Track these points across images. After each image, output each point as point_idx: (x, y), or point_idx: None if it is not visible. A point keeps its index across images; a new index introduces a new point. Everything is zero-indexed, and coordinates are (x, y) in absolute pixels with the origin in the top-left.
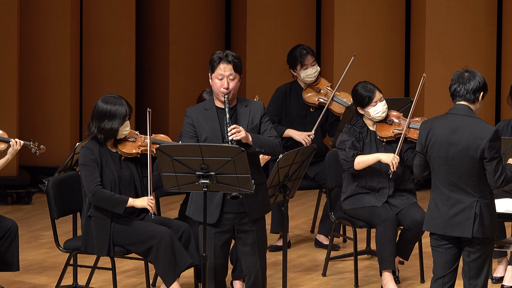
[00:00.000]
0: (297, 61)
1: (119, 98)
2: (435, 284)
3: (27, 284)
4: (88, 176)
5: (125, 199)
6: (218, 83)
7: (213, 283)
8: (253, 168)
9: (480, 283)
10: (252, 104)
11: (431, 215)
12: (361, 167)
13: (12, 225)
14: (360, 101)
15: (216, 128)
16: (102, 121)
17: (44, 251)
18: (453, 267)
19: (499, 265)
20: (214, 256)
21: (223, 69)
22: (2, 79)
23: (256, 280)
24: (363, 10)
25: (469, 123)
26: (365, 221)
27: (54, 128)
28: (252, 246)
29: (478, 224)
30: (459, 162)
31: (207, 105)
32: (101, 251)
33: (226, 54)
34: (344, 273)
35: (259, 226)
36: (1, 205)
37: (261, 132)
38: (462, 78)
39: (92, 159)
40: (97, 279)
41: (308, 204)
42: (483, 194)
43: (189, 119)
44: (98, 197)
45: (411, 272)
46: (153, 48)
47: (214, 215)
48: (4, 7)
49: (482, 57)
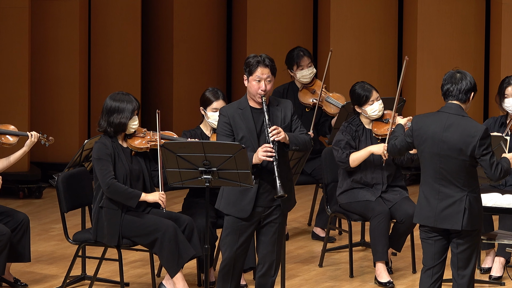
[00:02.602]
0: (294, 62)
1: (127, 94)
2: (425, 274)
3: (38, 275)
4: (103, 170)
5: (138, 194)
6: (255, 85)
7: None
8: (285, 166)
9: (468, 273)
10: (282, 102)
11: (422, 208)
12: (356, 163)
13: (24, 218)
14: (357, 100)
15: (251, 127)
16: (111, 115)
17: (54, 243)
18: (441, 258)
19: (487, 256)
20: (237, 248)
21: (261, 72)
22: (14, 79)
23: (269, 270)
24: (358, 14)
25: (461, 121)
26: (360, 214)
27: (63, 125)
28: (273, 237)
29: (467, 217)
30: (450, 158)
31: (242, 105)
32: (111, 240)
33: (264, 58)
34: (340, 264)
35: (283, 219)
36: (13, 199)
37: (293, 129)
38: (454, 79)
39: (107, 153)
40: (104, 270)
41: (305, 199)
42: (471, 188)
43: (226, 118)
44: (112, 190)
45: (403, 263)
46: (158, 49)
47: (247, 210)
48: (16, 11)
49: (471, 58)
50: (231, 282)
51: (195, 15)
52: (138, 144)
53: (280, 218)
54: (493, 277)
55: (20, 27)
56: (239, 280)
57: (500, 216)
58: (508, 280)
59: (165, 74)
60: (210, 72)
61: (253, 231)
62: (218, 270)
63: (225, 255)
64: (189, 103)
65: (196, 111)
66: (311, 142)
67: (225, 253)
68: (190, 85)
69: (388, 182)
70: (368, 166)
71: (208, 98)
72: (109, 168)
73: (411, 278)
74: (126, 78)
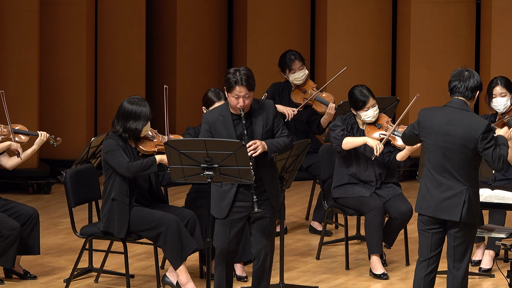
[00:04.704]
0: (286, 66)
1: (143, 100)
2: (421, 265)
3: (47, 267)
4: (118, 158)
5: (153, 159)
6: (234, 101)
7: (224, 265)
8: (269, 168)
9: (463, 265)
10: (264, 104)
11: (423, 198)
12: (348, 147)
13: (34, 212)
14: (354, 104)
15: (232, 134)
16: (127, 121)
17: (62, 237)
18: (437, 250)
19: (478, 249)
20: (228, 242)
21: (239, 91)
22: (24, 80)
23: (264, 263)
24: (353, 17)
25: (465, 116)
26: (355, 209)
27: (71, 124)
28: (265, 232)
29: (466, 210)
30: (453, 152)
31: (223, 112)
32: (120, 233)
33: (241, 77)
34: (336, 257)
35: (274, 215)
36: (23, 194)
37: (275, 131)
38: (462, 76)
39: (118, 145)
40: (110, 262)
41: (303, 194)
42: (472, 183)
43: (207, 126)
44: (132, 170)
45: (397, 256)
46: (162, 51)
47: (224, 212)
48: (26, 15)
49: (462, 60)
50: (227, 269)
51: (197, 18)
52: (146, 147)
53: (270, 212)
54: (483, 269)
55: (29, 30)
56: (232, 266)
57: (490, 211)
58: (498, 272)
59: (169, 74)
60: (212, 73)
61: (244, 224)
62: (214, 260)
63: (218, 248)
64: (192, 102)
65: (198, 110)
66: (291, 142)
67: (218, 247)
68: (192, 85)
69: (381, 179)
70: (361, 163)
71: (211, 98)
72: (123, 155)
73: (404, 270)
74: (131, 79)
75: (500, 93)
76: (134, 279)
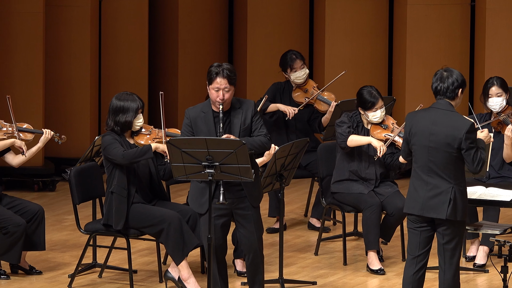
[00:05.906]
0: (287, 65)
1: (131, 94)
2: (410, 262)
3: (52, 262)
4: (115, 149)
5: (148, 145)
6: (214, 93)
7: (215, 260)
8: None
9: (454, 262)
10: (244, 103)
11: (410, 197)
12: (353, 145)
13: (39, 209)
14: (363, 104)
15: (212, 130)
16: (117, 115)
17: (67, 233)
18: (426, 248)
19: (472, 245)
20: (214, 237)
21: (219, 83)
22: (29, 80)
23: (255, 259)
24: (351, 18)
25: (448, 116)
26: (353, 206)
27: (75, 123)
28: (250, 229)
29: (451, 208)
30: (438, 151)
31: (205, 108)
32: (117, 224)
33: (223, 69)
34: (334, 253)
35: (256, 211)
36: (29, 192)
37: (253, 129)
38: (442, 77)
39: (114, 138)
40: (114, 258)
41: (302, 191)
42: (457, 181)
43: (188, 121)
44: (127, 157)
45: (393, 251)
46: (164, 52)
47: (204, 207)
48: (31, 16)
49: (457, 60)
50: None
51: (199, 20)
52: (144, 141)
53: (253, 210)
54: (477, 265)
55: (34, 31)
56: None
57: (484, 208)
58: (492, 267)
59: (171, 75)
60: None
61: (229, 220)
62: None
63: (205, 245)
64: (193, 102)
65: None
66: (269, 142)
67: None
68: (194, 85)
69: (380, 178)
70: (363, 161)
71: None
72: (119, 146)
73: (400, 266)
74: (134, 79)
75: (496, 93)
76: (137, 274)
